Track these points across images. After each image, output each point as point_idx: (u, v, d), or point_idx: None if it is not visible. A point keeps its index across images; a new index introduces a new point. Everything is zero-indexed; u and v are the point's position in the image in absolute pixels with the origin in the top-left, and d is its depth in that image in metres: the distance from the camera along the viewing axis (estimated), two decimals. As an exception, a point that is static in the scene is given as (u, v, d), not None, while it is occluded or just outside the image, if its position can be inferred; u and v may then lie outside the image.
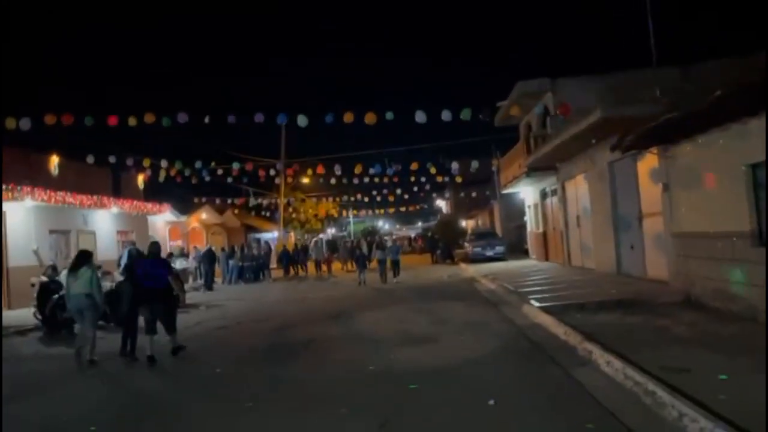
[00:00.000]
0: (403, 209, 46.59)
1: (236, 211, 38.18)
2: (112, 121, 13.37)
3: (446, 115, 13.82)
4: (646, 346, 6.95)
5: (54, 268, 17.75)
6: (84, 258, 9.09)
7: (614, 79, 16.02)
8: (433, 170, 24.88)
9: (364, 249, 23.11)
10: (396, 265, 19.72)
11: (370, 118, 13.48)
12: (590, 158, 15.37)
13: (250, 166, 26.31)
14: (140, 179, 25.62)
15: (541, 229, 22.55)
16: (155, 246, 9.43)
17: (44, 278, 16.30)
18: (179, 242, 31.66)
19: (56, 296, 12.77)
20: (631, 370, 5.82)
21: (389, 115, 13.65)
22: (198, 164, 22.67)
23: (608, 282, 13.21)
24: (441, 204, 62.55)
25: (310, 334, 10.21)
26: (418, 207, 52.64)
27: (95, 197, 19.98)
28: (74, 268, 8.87)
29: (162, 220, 29.48)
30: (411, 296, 15.22)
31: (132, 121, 13.47)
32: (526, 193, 24.91)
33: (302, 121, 13.93)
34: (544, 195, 21.96)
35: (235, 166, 24.19)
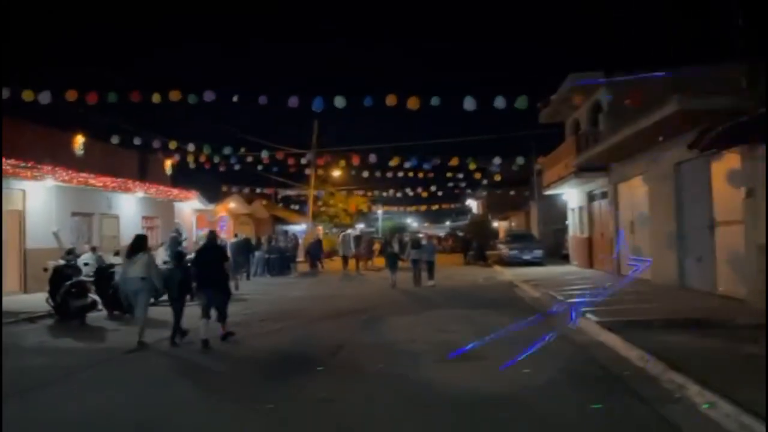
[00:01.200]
0: (435, 207, 45.27)
1: (264, 202, 37.36)
2: (135, 97, 12.50)
3: (500, 102, 12.53)
4: (747, 380, 5.67)
5: (73, 252, 17.06)
6: (140, 243, 9.52)
7: (676, 74, 14.67)
8: (472, 166, 23.58)
9: (395, 247, 21.81)
10: (430, 266, 17.78)
11: (413, 103, 12.27)
12: (652, 158, 13.99)
13: (280, 155, 25.29)
14: (168, 164, 24.86)
15: (585, 234, 21.11)
16: (212, 234, 10.12)
17: (62, 261, 15.57)
18: (205, 230, 30.98)
19: (69, 282, 11.94)
20: (749, 418, 4.59)
21: (435, 101, 12.41)
22: (227, 151, 21.70)
23: (671, 296, 11.86)
24: (471, 203, 60.95)
25: (339, 340, 9.13)
26: (451, 206, 51.10)
27: (120, 180, 19.24)
28: (131, 253, 9.33)
29: (189, 208, 28.80)
30: (447, 301, 14.03)
31: (156, 98, 12.57)
32: (570, 195, 23.43)
33: (340, 102, 12.78)
34: (591, 197, 20.52)
35: (265, 154, 23.17)
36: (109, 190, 19.12)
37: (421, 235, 22.04)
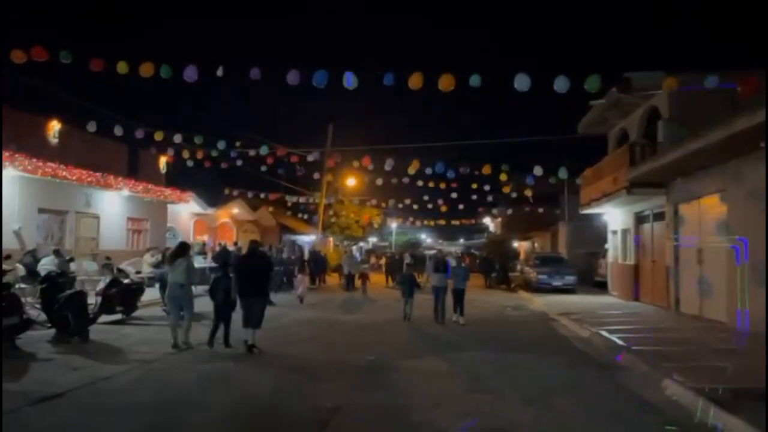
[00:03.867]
0: (456, 222, 42.46)
1: (271, 209, 34.83)
2: (97, 65, 10.07)
3: (561, 84, 9.77)
4: None
5: (33, 254, 14.73)
6: (182, 250, 9.74)
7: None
8: (503, 177, 20.94)
9: (410, 266, 18.81)
10: (460, 297, 13.37)
11: (446, 83, 9.57)
12: (732, 173, 11.32)
13: (282, 152, 22.58)
14: (162, 161, 22.39)
15: (631, 261, 18.30)
16: (255, 244, 9.89)
17: (18, 266, 13.50)
18: (204, 237, 28.55)
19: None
20: None
21: (474, 80, 9.65)
22: (221, 145, 19.10)
23: (770, 350, 9.10)
24: (487, 221, 57.60)
25: (334, 398, 6.53)
26: (472, 221, 48.11)
27: (98, 174, 16.79)
28: (172, 259, 9.64)
29: (187, 211, 26.44)
30: (474, 339, 11.25)
31: (122, 68, 10.08)
32: (613, 215, 20.59)
33: (350, 80, 10.07)
34: (640, 219, 17.73)
35: (264, 150, 20.46)
36: (84, 185, 16.68)
37: (441, 250, 18.95)
